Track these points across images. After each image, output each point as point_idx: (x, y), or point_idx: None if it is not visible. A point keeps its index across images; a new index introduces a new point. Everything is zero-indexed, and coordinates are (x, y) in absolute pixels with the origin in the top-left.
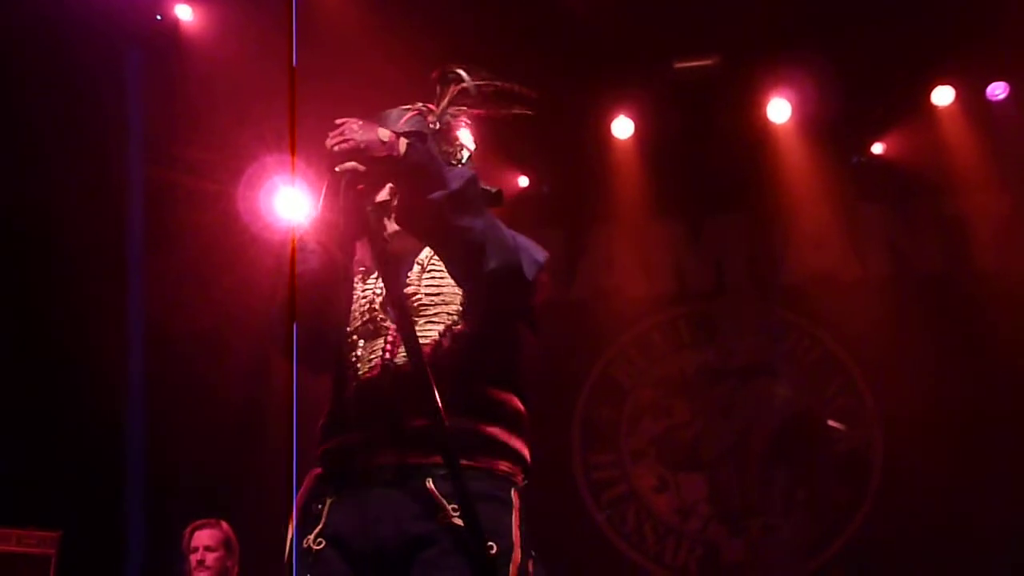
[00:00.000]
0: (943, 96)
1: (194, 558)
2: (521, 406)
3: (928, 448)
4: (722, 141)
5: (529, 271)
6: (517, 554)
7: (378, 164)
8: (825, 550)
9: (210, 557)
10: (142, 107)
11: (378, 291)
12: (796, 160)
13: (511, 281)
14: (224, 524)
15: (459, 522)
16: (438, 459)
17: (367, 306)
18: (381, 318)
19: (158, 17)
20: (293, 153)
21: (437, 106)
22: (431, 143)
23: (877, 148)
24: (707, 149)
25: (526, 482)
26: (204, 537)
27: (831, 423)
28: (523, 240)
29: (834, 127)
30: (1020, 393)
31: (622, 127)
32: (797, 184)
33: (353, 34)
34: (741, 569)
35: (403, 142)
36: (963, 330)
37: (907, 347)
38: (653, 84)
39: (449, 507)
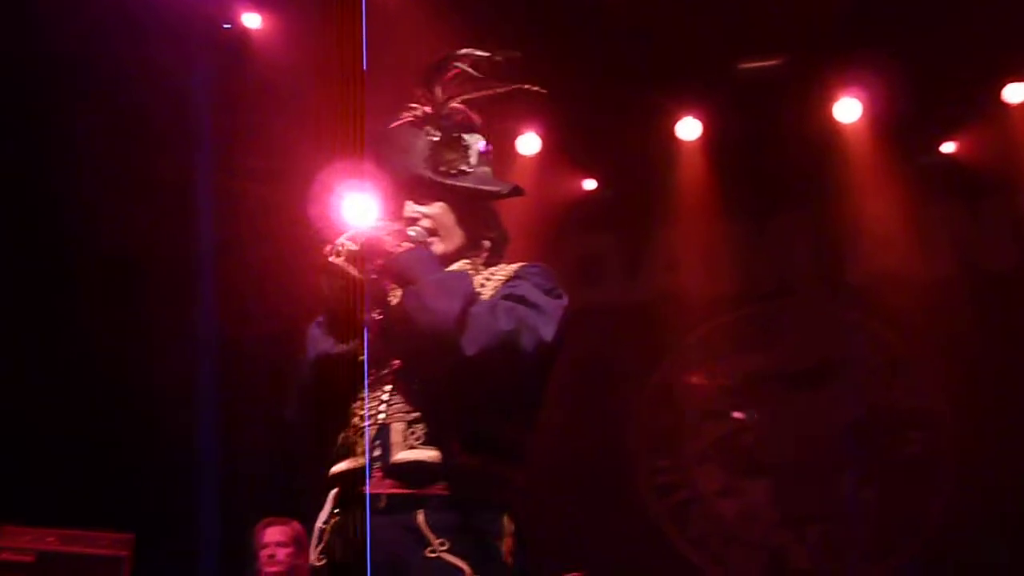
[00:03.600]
0: (1015, 94)
1: (264, 554)
2: (519, 433)
3: (1000, 449)
4: (788, 141)
5: (529, 344)
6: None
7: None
8: (894, 556)
9: (281, 552)
10: (210, 115)
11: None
12: (863, 159)
13: (503, 361)
14: (296, 523)
15: (447, 557)
16: (429, 491)
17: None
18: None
19: (226, 25)
20: (360, 158)
21: (433, 103)
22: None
23: (947, 147)
24: (773, 149)
25: (524, 506)
26: (275, 533)
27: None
28: (529, 314)
29: (903, 126)
30: None
31: (688, 129)
32: (864, 183)
33: (421, 41)
34: (809, 575)
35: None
36: None
37: (976, 347)
38: (719, 85)
39: (436, 541)
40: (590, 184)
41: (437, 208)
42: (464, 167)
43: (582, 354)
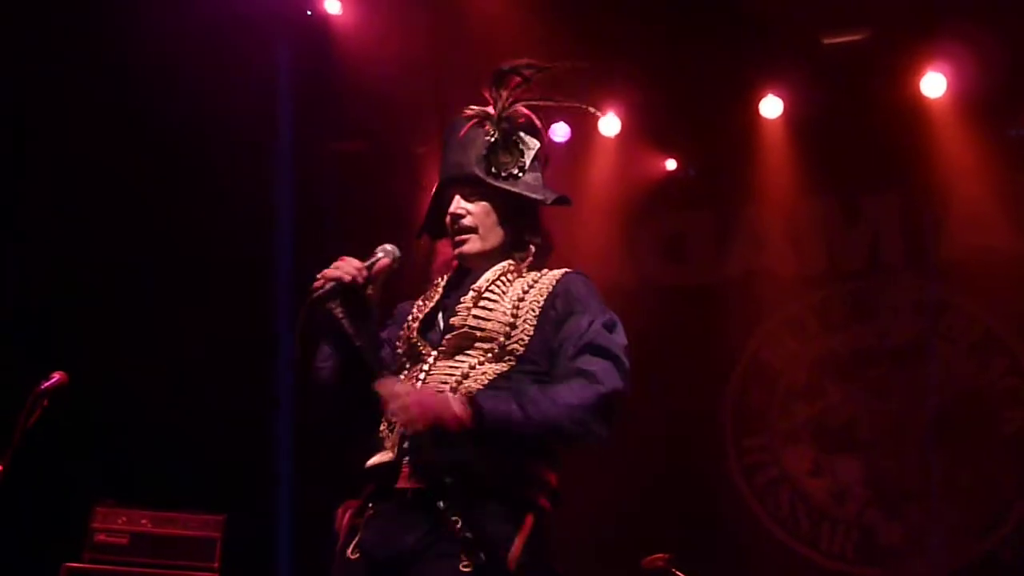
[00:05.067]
0: None
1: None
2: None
3: None
4: (873, 117)
5: (618, 405)
6: (510, 568)
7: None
8: (988, 536)
9: None
10: (293, 101)
11: (420, 316)
12: (952, 134)
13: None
14: None
15: (465, 534)
16: (454, 486)
17: (411, 329)
18: (420, 344)
19: (308, 12)
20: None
21: (496, 108)
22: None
23: None
24: (858, 126)
25: (554, 505)
26: None
27: None
28: (609, 373)
29: (991, 100)
30: None
31: (771, 106)
32: (953, 159)
33: (503, 32)
34: (900, 554)
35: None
36: None
37: None
38: (801, 61)
39: (452, 519)
40: (671, 164)
41: (481, 207)
42: (515, 171)
43: (671, 332)
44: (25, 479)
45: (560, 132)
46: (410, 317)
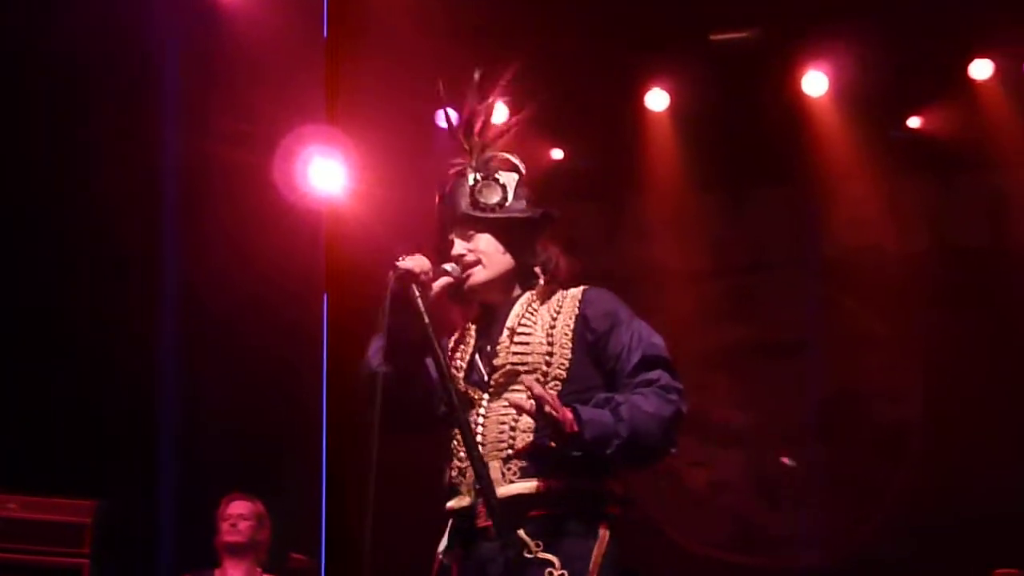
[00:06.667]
0: (981, 70)
1: (227, 524)
2: None
3: (971, 424)
4: (759, 114)
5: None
6: None
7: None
8: (864, 527)
9: (243, 524)
10: (179, 79)
11: (461, 365)
12: (834, 133)
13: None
14: (259, 501)
15: (542, 555)
16: (529, 515)
17: (456, 379)
18: (471, 390)
19: None
20: (330, 123)
21: (471, 152)
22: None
23: (914, 122)
24: (744, 122)
25: (624, 511)
26: (238, 507)
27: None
28: (672, 382)
29: (871, 100)
30: None
31: (657, 99)
32: (836, 158)
33: (387, 9)
34: (778, 544)
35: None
36: (1003, 304)
37: (949, 322)
38: (689, 56)
39: (533, 543)
40: (557, 154)
41: (482, 241)
42: (502, 202)
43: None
44: None
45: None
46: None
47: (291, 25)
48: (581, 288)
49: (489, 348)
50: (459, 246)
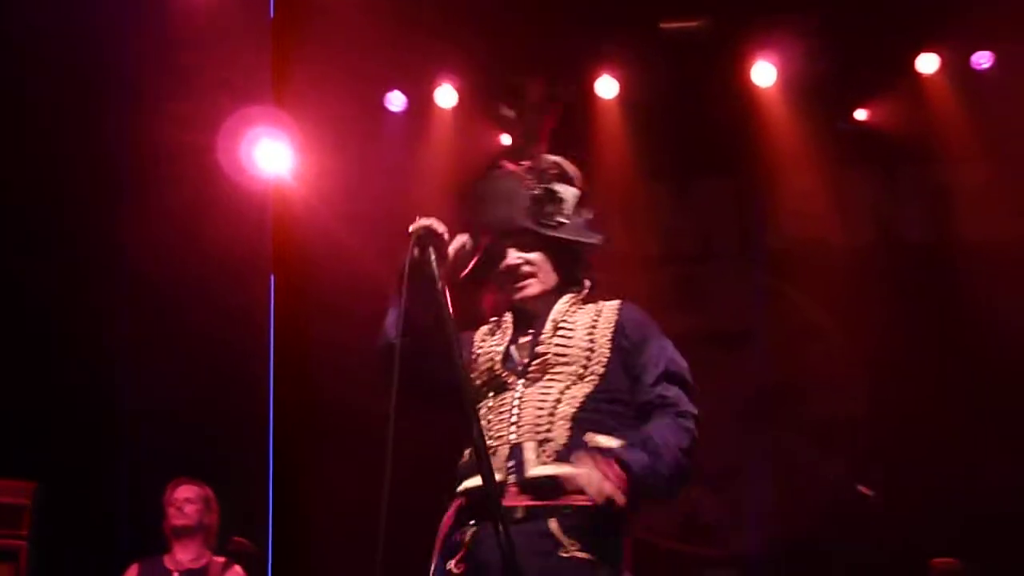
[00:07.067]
0: (928, 64)
1: (173, 508)
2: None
3: (910, 414)
4: (708, 103)
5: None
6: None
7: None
8: (804, 514)
9: (189, 508)
10: (125, 58)
11: (499, 350)
12: (781, 124)
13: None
14: (206, 486)
15: (579, 555)
16: (561, 502)
17: (493, 362)
18: (505, 374)
19: None
20: (277, 104)
21: (532, 159)
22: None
23: (861, 114)
24: (692, 111)
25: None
26: (185, 491)
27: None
28: (689, 403)
29: (819, 92)
30: (1002, 360)
31: (606, 87)
32: (783, 149)
33: None
34: (719, 529)
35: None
36: (947, 298)
37: (891, 314)
38: (638, 44)
39: (568, 543)
40: (507, 140)
41: (537, 256)
42: (561, 218)
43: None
44: None
45: (397, 102)
46: (479, 351)
47: (238, 5)
48: (617, 301)
49: (527, 338)
50: (513, 256)
